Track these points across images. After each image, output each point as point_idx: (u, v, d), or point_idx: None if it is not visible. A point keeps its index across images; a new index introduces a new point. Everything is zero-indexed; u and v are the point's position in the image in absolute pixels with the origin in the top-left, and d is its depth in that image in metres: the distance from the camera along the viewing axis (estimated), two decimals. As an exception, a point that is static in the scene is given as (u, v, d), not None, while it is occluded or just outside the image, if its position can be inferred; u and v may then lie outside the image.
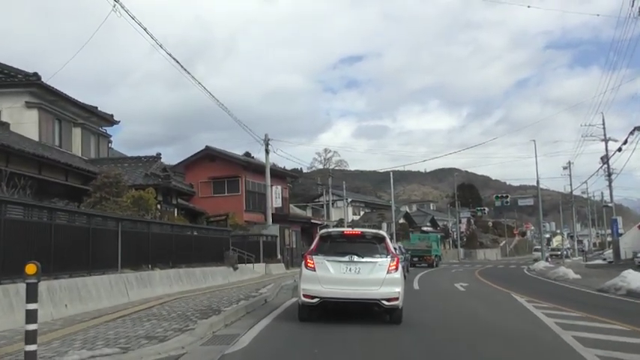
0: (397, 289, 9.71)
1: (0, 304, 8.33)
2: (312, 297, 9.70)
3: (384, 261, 9.85)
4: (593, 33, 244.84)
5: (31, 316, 5.32)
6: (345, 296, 9.75)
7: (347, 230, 11.44)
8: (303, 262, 10.13)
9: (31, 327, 5.31)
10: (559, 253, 61.74)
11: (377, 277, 9.68)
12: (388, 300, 9.59)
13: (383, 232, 11.02)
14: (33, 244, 9.83)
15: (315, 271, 9.80)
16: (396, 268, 9.88)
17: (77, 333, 7.96)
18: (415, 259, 41.80)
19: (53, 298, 9.78)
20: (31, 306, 5.34)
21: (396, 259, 10.04)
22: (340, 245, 10.29)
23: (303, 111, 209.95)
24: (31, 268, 5.34)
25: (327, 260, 9.83)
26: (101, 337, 7.60)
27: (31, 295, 5.38)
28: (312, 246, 10.57)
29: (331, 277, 9.70)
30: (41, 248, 10.04)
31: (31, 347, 5.26)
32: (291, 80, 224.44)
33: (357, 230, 11.37)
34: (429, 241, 46.42)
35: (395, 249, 11.49)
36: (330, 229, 11.77)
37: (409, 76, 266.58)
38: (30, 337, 5.29)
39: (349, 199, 62.41)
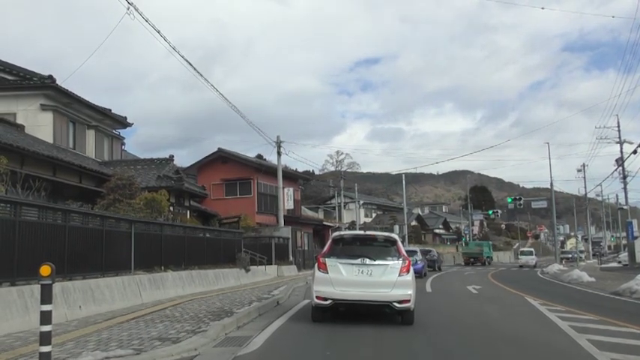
0: (409, 292, 9.79)
1: (15, 305, 8.40)
2: (325, 299, 9.80)
3: (396, 264, 9.94)
4: (610, 35, 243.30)
5: (45, 318, 5.35)
6: (357, 298, 9.84)
7: (359, 233, 11.49)
8: (316, 265, 10.27)
9: (46, 328, 5.34)
10: (570, 256, 60.94)
11: (389, 279, 9.78)
12: (400, 302, 9.68)
13: (395, 235, 11.11)
14: (47, 246, 9.92)
15: (327, 273, 9.90)
16: (408, 271, 9.98)
17: (91, 334, 8.00)
18: (472, 259, 57.35)
19: (67, 299, 9.85)
20: (46, 307, 5.37)
21: (407, 261, 10.13)
22: (352, 248, 10.38)
23: (318, 113, 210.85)
24: (45, 270, 5.37)
25: (340, 263, 9.94)
26: (115, 338, 7.64)
27: (46, 297, 5.41)
28: (325, 248, 10.68)
29: (343, 279, 9.80)
30: (55, 250, 10.14)
31: (46, 348, 5.29)
32: (306, 83, 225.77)
33: (370, 233, 11.45)
34: (481, 247, 60.35)
35: (415, 252, 11.53)
36: (342, 232, 11.91)
37: (425, 79, 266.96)
38: (44, 339, 5.32)
39: (361, 202, 62.23)
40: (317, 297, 9.88)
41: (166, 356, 6.63)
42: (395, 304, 9.68)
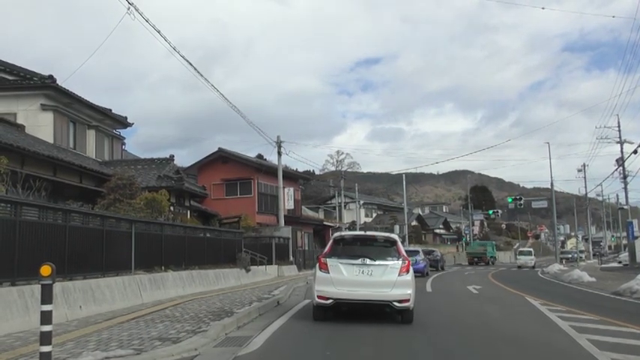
0: (408, 291, 9.98)
1: (15, 305, 8.40)
2: (326, 298, 9.99)
3: (396, 264, 10.13)
4: (611, 35, 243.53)
5: (45, 318, 5.35)
6: (357, 298, 10.03)
7: (360, 234, 11.75)
8: (317, 265, 10.44)
9: (46, 328, 5.34)
10: (569, 256, 60.84)
11: (389, 279, 9.97)
12: (400, 301, 9.87)
13: (394, 236, 11.25)
14: (48, 246, 9.92)
15: (328, 273, 10.09)
16: (407, 271, 10.17)
17: (91, 334, 8.00)
18: (475, 259, 58.47)
19: (68, 299, 9.85)
20: (46, 307, 5.37)
21: (407, 262, 10.31)
22: (353, 248, 10.58)
23: (318, 113, 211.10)
24: (46, 270, 5.37)
25: (341, 263, 10.12)
26: (115, 338, 7.64)
27: (46, 297, 5.41)
28: (326, 249, 10.83)
29: (344, 279, 9.98)
30: (56, 250, 10.14)
31: (46, 348, 5.29)
32: (306, 83, 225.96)
33: (370, 234, 11.70)
34: (485, 246, 62.14)
35: (417, 252, 11.70)
36: (343, 233, 12.16)
37: (425, 79, 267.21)
38: (45, 339, 5.32)
39: (361, 202, 62.26)
40: (318, 296, 10.05)
41: (166, 356, 6.63)
42: (395, 303, 9.86)
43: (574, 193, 76.33)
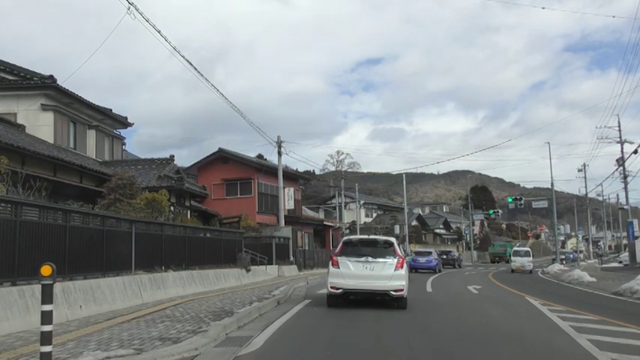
0: (402, 283, 12.35)
1: (16, 305, 8.41)
2: (337, 288, 12.46)
3: (393, 261, 12.50)
4: (612, 36, 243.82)
5: (46, 317, 5.35)
6: (362, 288, 12.45)
7: (364, 237, 14.19)
8: (330, 262, 12.86)
9: (47, 328, 5.35)
10: (562, 257, 60.64)
11: (387, 273, 12.35)
12: (395, 291, 12.24)
13: (392, 239, 13.62)
14: (48, 246, 9.93)
15: (339, 268, 12.49)
16: (402, 267, 12.50)
17: (92, 334, 8.01)
18: (497, 258, 66.79)
19: (68, 299, 9.86)
20: (47, 307, 5.38)
21: (401, 259, 12.64)
22: (359, 249, 12.96)
23: (319, 114, 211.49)
24: (46, 270, 5.37)
25: (349, 260, 12.53)
26: (115, 338, 7.65)
27: (47, 297, 5.42)
28: (337, 249, 13.28)
29: (352, 273, 12.38)
30: (56, 250, 10.15)
31: (47, 348, 5.30)
32: (308, 83, 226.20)
33: (372, 237, 14.26)
34: (505, 247, 68.58)
35: (430, 253, 14.71)
36: (351, 237, 14.78)
37: (426, 79, 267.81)
38: (45, 338, 5.32)
39: (362, 202, 62.18)
40: (331, 287, 12.49)
41: (167, 356, 6.63)
42: (391, 292, 12.23)
43: (574, 193, 76.47)
